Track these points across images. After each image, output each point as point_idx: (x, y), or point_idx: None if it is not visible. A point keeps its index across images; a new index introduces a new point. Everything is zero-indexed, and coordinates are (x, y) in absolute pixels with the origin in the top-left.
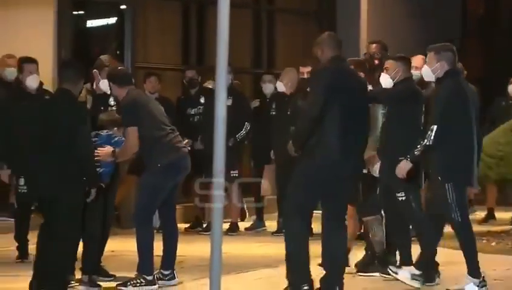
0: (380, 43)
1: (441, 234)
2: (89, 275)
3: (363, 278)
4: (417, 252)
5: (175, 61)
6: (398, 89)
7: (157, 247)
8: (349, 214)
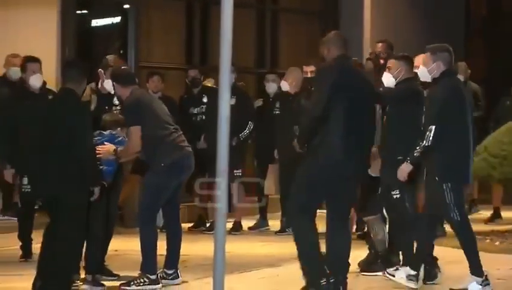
0: (386, 43)
1: (435, 233)
2: (93, 275)
3: (366, 277)
4: None
5: (178, 60)
6: (399, 89)
7: (160, 246)
8: None
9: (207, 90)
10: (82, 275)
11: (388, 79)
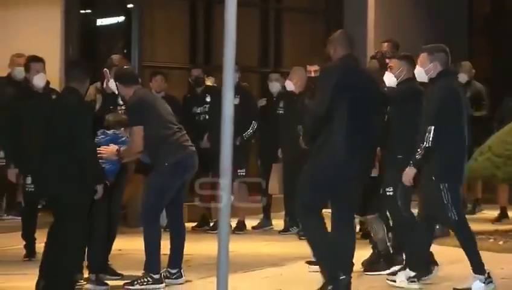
0: (392, 42)
1: (434, 234)
2: (96, 274)
3: (370, 276)
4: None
5: (182, 60)
6: (401, 89)
7: (164, 246)
8: None
9: (210, 89)
10: (85, 275)
11: (390, 79)
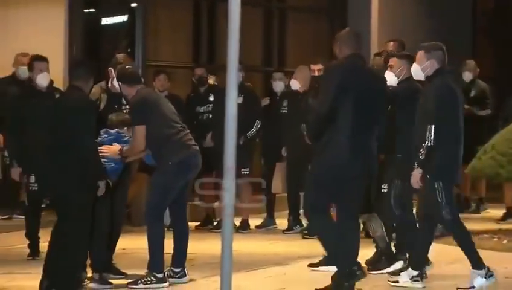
0: (398, 42)
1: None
2: (100, 273)
3: (374, 276)
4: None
5: (186, 59)
6: (401, 88)
7: (168, 245)
8: None
9: (213, 88)
10: (89, 274)
11: (391, 78)
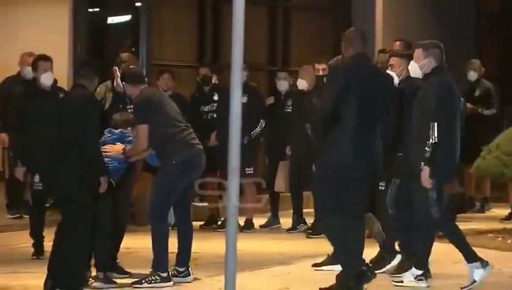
0: (404, 41)
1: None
2: (104, 272)
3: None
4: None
5: (190, 58)
6: (401, 87)
7: (172, 244)
8: None
9: (218, 88)
10: (93, 273)
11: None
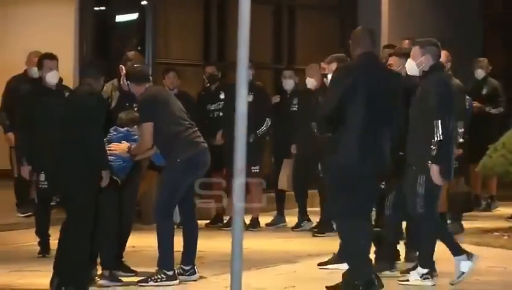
0: (413, 39)
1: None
2: (110, 270)
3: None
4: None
5: (196, 57)
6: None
7: (177, 242)
8: None
9: (224, 86)
10: (99, 271)
11: None
